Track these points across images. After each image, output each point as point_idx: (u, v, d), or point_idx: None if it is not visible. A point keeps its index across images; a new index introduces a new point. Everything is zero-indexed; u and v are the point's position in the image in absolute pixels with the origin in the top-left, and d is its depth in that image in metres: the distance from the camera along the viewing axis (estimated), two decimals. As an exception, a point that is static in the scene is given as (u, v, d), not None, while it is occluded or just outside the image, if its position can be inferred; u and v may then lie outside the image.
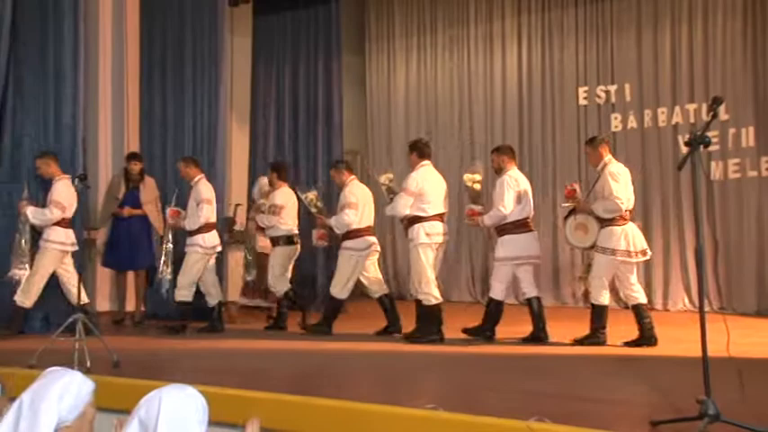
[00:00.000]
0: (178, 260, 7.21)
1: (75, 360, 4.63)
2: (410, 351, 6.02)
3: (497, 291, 6.38)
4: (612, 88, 9.36)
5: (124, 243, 7.70)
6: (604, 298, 6.00)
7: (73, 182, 6.14)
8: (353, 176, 7.12)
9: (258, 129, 10.06)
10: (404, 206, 6.42)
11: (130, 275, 7.93)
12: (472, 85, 10.55)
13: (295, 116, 9.96)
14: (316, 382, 4.79)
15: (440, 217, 6.49)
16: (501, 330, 6.44)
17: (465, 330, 6.44)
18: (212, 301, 7.20)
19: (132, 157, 7.88)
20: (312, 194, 7.19)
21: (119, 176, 7.97)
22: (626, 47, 9.32)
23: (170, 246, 7.21)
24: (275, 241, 7.42)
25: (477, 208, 6.56)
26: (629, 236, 5.90)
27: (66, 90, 7.19)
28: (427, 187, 6.44)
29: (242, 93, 9.91)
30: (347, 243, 6.86)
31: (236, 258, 8.32)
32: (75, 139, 7.18)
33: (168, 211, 7.09)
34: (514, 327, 6.49)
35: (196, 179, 7.15)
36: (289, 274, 7.46)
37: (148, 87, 8.63)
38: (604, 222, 5.94)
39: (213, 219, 7.17)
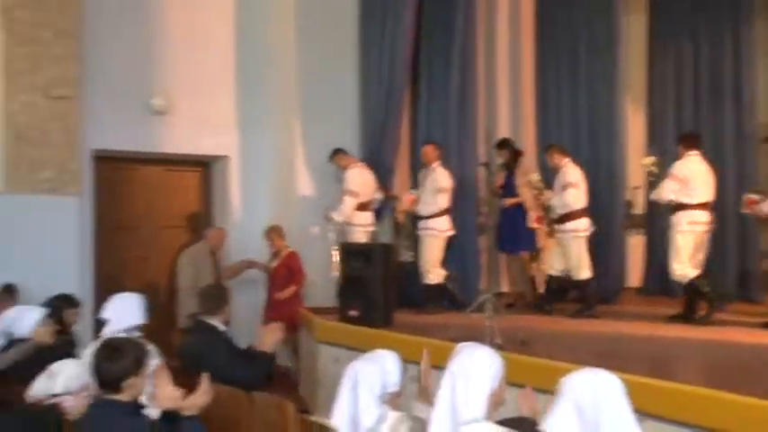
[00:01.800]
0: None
1: (488, 336, 4.85)
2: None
3: None
4: None
5: (506, 227, 7.80)
6: None
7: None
8: (568, 158, 7.19)
9: (654, 110, 9.48)
10: (668, 191, 6.51)
11: (523, 258, 8.05)
12: None
13: (696, 95, 9.09)
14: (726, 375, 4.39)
15: (704, 206, 6.51)
16: None
17: None
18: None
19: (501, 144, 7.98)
20: (535, 176, 7.45)
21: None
22: None
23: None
24: None
25: (756, 197, 6.53)
26: None
27: (468, 86, 7.56)
28: (693, 176, 6.50)
29: (637, 73, 9.47)
30: (569, 225, 6.99)
31: (635, 243, 8.05)
32: (479, 130, 7.55)
33: (405, 196, 7.25)
34: None
35: (434, 165, 7.16)
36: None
37: (543, 72, 8.73)
38: None
39: (448, 205, 7.17)
